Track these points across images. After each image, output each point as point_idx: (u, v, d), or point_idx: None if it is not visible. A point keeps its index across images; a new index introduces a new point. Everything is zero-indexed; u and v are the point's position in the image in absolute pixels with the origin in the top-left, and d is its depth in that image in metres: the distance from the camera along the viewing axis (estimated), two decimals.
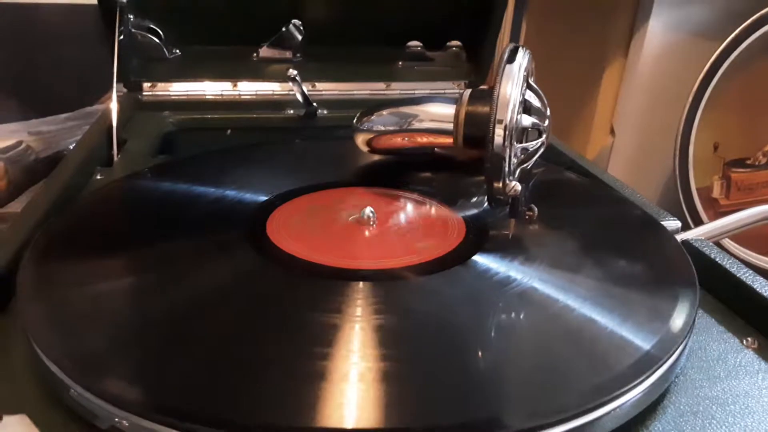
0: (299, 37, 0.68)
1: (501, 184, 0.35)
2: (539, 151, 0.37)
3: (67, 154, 0.56)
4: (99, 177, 0.48)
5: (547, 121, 0.37)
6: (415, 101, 0.42)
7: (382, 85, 0.70)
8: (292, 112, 0.64)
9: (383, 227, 0.37)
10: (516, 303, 0.30)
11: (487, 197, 0.37)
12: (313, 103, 0.63)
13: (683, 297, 0.30)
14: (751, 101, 0.81)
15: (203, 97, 0.66)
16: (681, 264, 0.34)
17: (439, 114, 0.40)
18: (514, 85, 0.34)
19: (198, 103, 0.65)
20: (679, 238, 0.39)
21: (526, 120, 0.36)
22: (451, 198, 0.41)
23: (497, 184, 0.35)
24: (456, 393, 0.24)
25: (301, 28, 0.68)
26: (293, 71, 0.60)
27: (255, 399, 0.23)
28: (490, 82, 0.71)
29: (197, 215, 0.39)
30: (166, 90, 0.66)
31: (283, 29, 0.68)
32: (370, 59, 0.71)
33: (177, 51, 0.69)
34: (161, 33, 0.67)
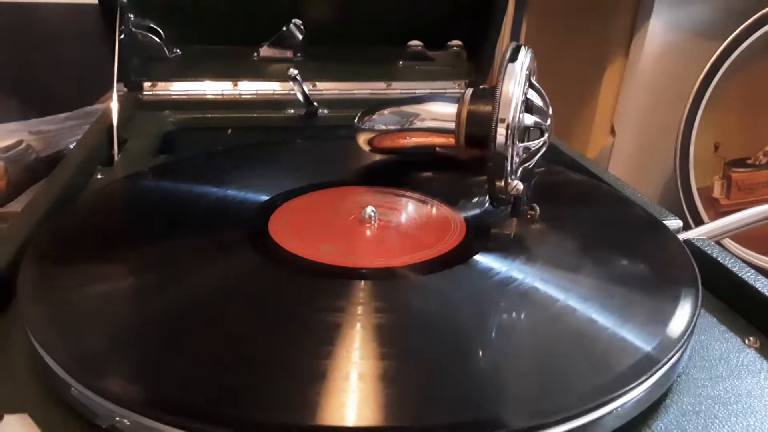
0: (300, 37, 0.68)
1: (503, 183, 0.35)
2: (541, 150, 0.37)
3: (68, 153, 0.56)
4: (99, 176, 0.48)
5: (549, 120, 0.37)
6: (417, 100, 0.42)
7: (382, 85, 0.70)
8: (292, 111, 0.64)
9: (385, 226, 0.37)
10: (518, 302, 0.30)
11: (489, 196, 0.37)
12: (314, 103, 0.63)
13: (685, 297, 0.30)
14: (752, 101, 0.81)
15: (204, 97, 0.66)
16: (683, 263, 0.34)
17: (441, 113, 0.40)
18: (516, 84, 0.34)
19: (198, 103, 0.65)
20: (681, 237, 0.39)
21: (528, 119, 0.35)
22: (453, 197, 0.41)
23: (499, 183, 0.35)
24: (459, 392, 0.24)
25: (302, 27, 0.68)
26: (294, 71, 0.60)
27: (256, 397, 0.23)
28: (490, 81, 0.71)
29: (198, 215, 0.39)
30: (166, 89, 0.66)
31: (284, 28, 0.68)
32: (370, 59, 0.71)
33: (177, 50, 0.69)
34: (162, 32, 0.67)
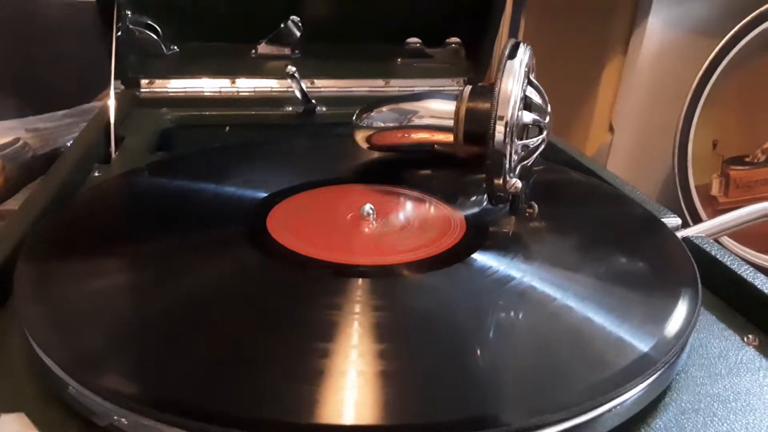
0: (298, 34, 0.68)
1: (501, 181, 0.35)
2: (540, 148, 0.37)
3: (65, 151, 0.56)
4: (97, 174, 0.48)
5: (548, 118, 0.37)
6: (415, 97, 0.41)
7: (381, 82, 0.70)
8: (290, 109, 0.64)
9: (383, 224, 0.37)
10: (517, 301, 0.30)
11: (488, 194, 0.37)
12: (312, 100, 0.62)
13: (684, 295, 0.30)
14: (750, 98, 0.81)
15: (201, 94, 0.65)
16: (682, 261, 0.34)
17: (440, 110, 0.40)
18: (515, 82, 0.34)
19: (196, 100, 0.65)
20: (680, 235, 0.39)
21: (527, 116, 0.35)
22: (451, 195, 0.41)
23: (498, 181, 0.35)
24: (458, 391, 0.24)
25: (300, 24, 0.68)
26: (292, 68, 0.60)
27: (253, 396, 0.23)
28: (489, 79, 0.71)
29: (196, 212, 0.39)
30: (163, 87, 0.65)
31: (282, 25, 0.68)
32: (369, 56, 0.71)
33: (175, 47, 0.69)
34: (159, 29, 0.67)
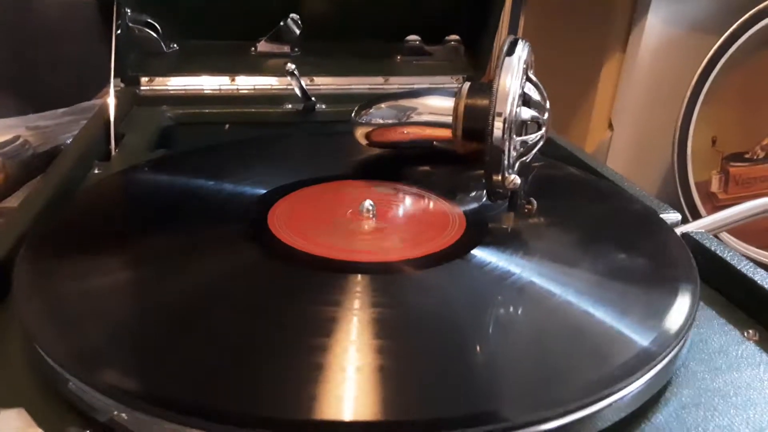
0: (297, 32, 0.68)
1: (500, 177, 0.35)
2: (539, 144, 0.37)
3: (65, 148, 0.56)
4: (97, 171, 0.48)
5: (547, 114, 0.37)
6: (415, 94, 0.42)
7: (380, 80, 0.69)
8: (290, 106, 0.64)
9: (382, 221, 0.37)
10: (517, 297, 0.30)
11: (487, 190, 0.37)
12: (312, 98, 0.62)
13: (684, 290, 0.30)
14: (750, 95, 0.81)
15: (201, 92, 0.65)
16: (681, 257, 0.34)
17: (439, 107, 0.40)
18: (513, 78, 0.34)
19: (196, 98, 0.65)
20: (679, 231, 0.39)
21: (525, 113, 0.35)
22: (450, 191, 0.41)
23: (496, 177, 0.35)
24: (459, 386, 0.24)
25: (299, 22, 0.68)
26: (291, 65, 0.60)
27: (253, 392, 0.23)
28: (488, 76, 0.71)
29: (197, 209, 0.39)
30: (163, 84, 0.65)
31: (281, 23, 0.68)
32: (368, 53, 0.71)
33: (174, 45, 0.69)
34: (159, 27, 0.67)
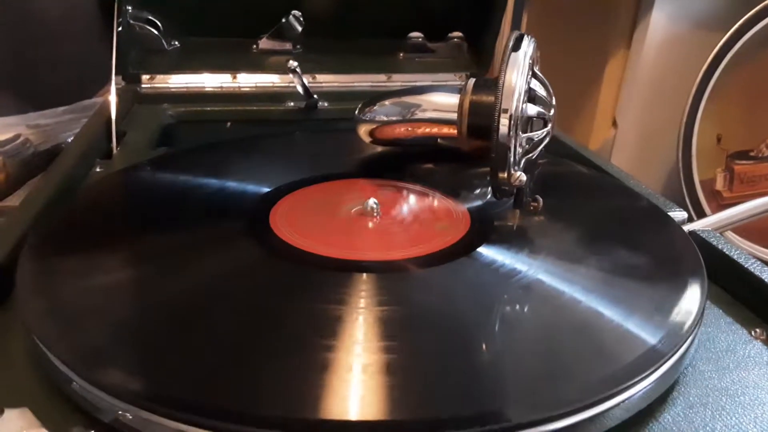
0: (299, 29, 0.68)
1: (506, 174, 0.35)
2: (544, 141, 0.37)
3: (66, 146, 0.56)
4: (98, 169, 0.48)
5: (553, 111, 0.37)
6: (419, 91, 0.41)
7: (383, 77, 0.69)
8: (292, 104, 0.63)
9: (387, 219, 0.37)
10: (523, 295, 0.30)
11: (492, 188, 0.36)
12: (314, 95, 0.62)
13: (692, 288, 0.30)
14: (755, 93, 0.81)
15: (202, 90, 0.65)
16: (689, 255, 0.34)
17: (443, 103, 0.39)
18: (519, 74, 0.34)
19: (197, 96, 0.64)
20: (686, 229, 0.38)
21: (531, 109, 0.35)
22: (455, 189, 0.40)
23: (502, 174, 0.35)
24: (465, 385, 0.24)
25: (301, 19, 0.67)
26: (293, 63, 0.59)
27: (258, 391, 0.23)
28: (491, 73, 0.71)
29: (199, 207, 0.38)
30: (165, 82, 0.65)
31: (283, 20, 0.68)
32: (370, 51, 0.71)
33: (176, 43, 0.68)
34: (160, 24, 0.67)
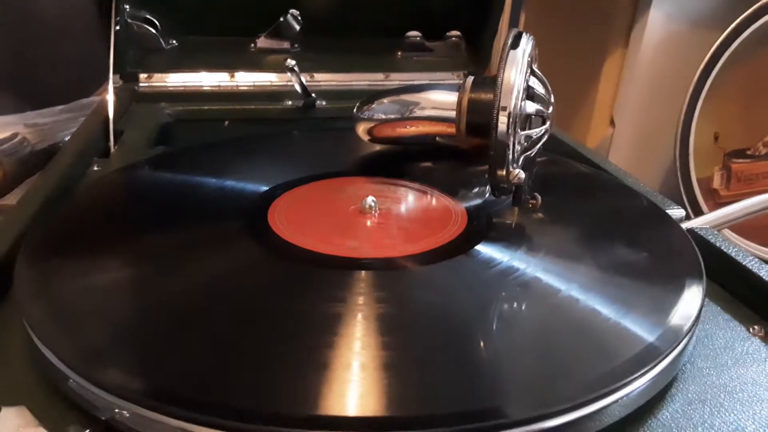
0: (297, 27, 0.68)
1: (504, 172, 0.35)
2: (543, 139, 0.37)
3: (64, 145, 0.56)
4: (96, 168, 0.48)
5: (551, 108, 0.37)
6: (417, 89, 0.41)
7: (381, 76, 0.69)
8: (290, 103, 0.63)
9: (385, 217, 0.37)
10: (522, 293, 0.30)
11: (490, 185, 0.36)
12: (312, 94, 0.62)
13: (690, 286, 0.30)
14: (752, 91, 0.81)
15: (200, 88, 0.65)
16: (687, 253, 0.34)
17: (442, 101, 0.39)
18: (518, 72, 0.34)
19: (195, 94, 0.64)
20: (684, 226, 0.38)
21: (530, 107, 0.35)
22: (454, 187, 0.40)
23: (501, 171, 0.35)
24: (465, 383, 0.24)
25: (299, 17, 0.67)
26: (291, 61, 0.59)
27: (256, 388, 0.23)
28: (489, 72, 0.71)
29: (197, 206, 0.38)
30: (162, 81, 0.65)
31: (281, 19, 0.68)
32: (368, 50, 0.71)
33: (173, 41, 0.68)
34: (157, 23, 0.67)
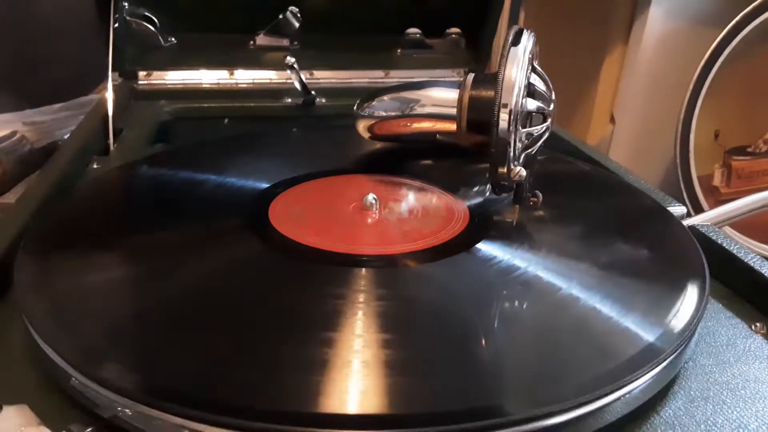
0: (296, 24, 0.67)
1: (505, 169, 0.35)
2: (544, 136, 0.36)
3: (63, 143, 0.56)
4: (95, 166, 0.47)
5: (552, 106, 0.37)
6: (418, 86, 0.41)
7: (380, 73, 0.69)
8: (290, 100, 0.63)
9: (386, 214, 0.37)
10: (522, 290, 0.30)
11: (492, 183, 0.36)
12: (312, 92, 0.62)
13: (692, 283, 0.30)
14: (752, 89, 0.81)
15: (200, 86, 0.65)
16: (689, 250, 0.34)
17: (443, 98, 0.39)
18: (519, 69, 0.34)
19: (194, 92, 0.64)
20: (686, 224, 0.38)
21: (530, 104, 0.35)
22: (455, 185, 0.40)
23: (502, 169, 0.35)
24: (467, 380, 0.24)
25: (299, 15, 0.67)
26: (291, 59, 0.59)
27: (257, 386, 0.23)
28: (489, 69, 0.70)
29: (197, 203, 0.38)
30: (161, 78, 0.65)
31: (280, 16, 0.67)
32: (368, 47, 0.71)
33: (172, 39, 0.68)
34: (156, 20, 0.66)
